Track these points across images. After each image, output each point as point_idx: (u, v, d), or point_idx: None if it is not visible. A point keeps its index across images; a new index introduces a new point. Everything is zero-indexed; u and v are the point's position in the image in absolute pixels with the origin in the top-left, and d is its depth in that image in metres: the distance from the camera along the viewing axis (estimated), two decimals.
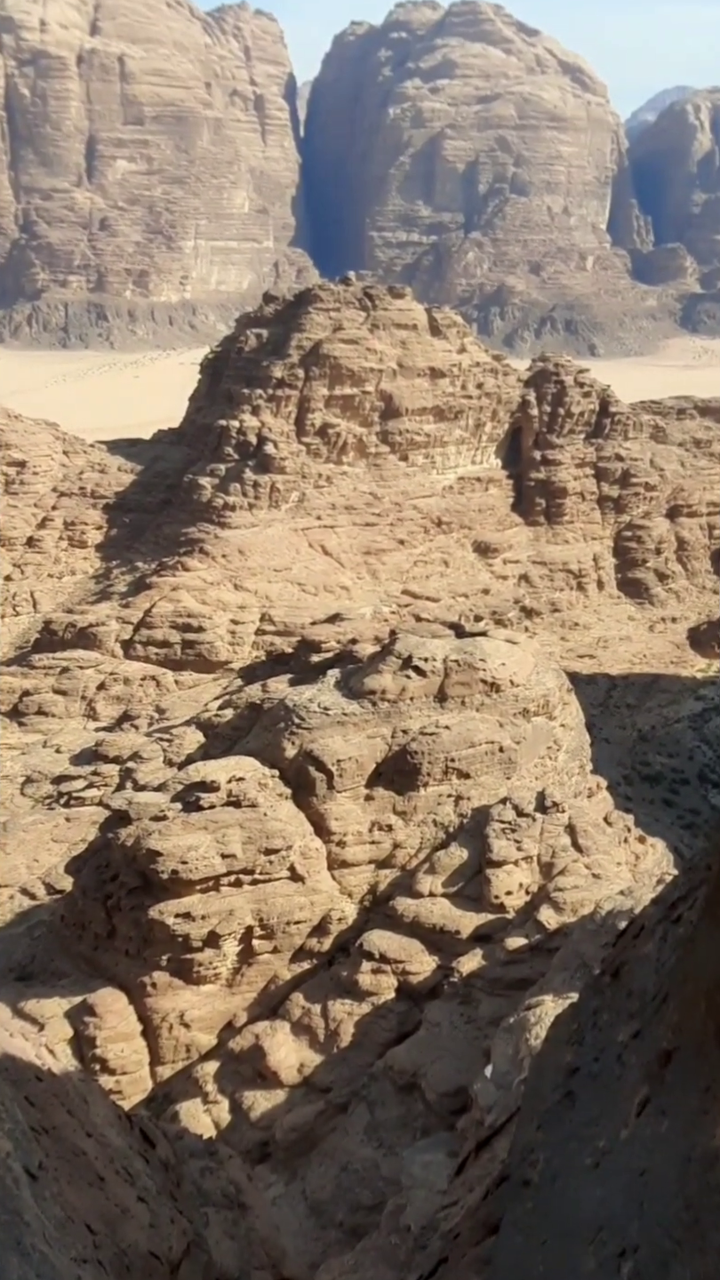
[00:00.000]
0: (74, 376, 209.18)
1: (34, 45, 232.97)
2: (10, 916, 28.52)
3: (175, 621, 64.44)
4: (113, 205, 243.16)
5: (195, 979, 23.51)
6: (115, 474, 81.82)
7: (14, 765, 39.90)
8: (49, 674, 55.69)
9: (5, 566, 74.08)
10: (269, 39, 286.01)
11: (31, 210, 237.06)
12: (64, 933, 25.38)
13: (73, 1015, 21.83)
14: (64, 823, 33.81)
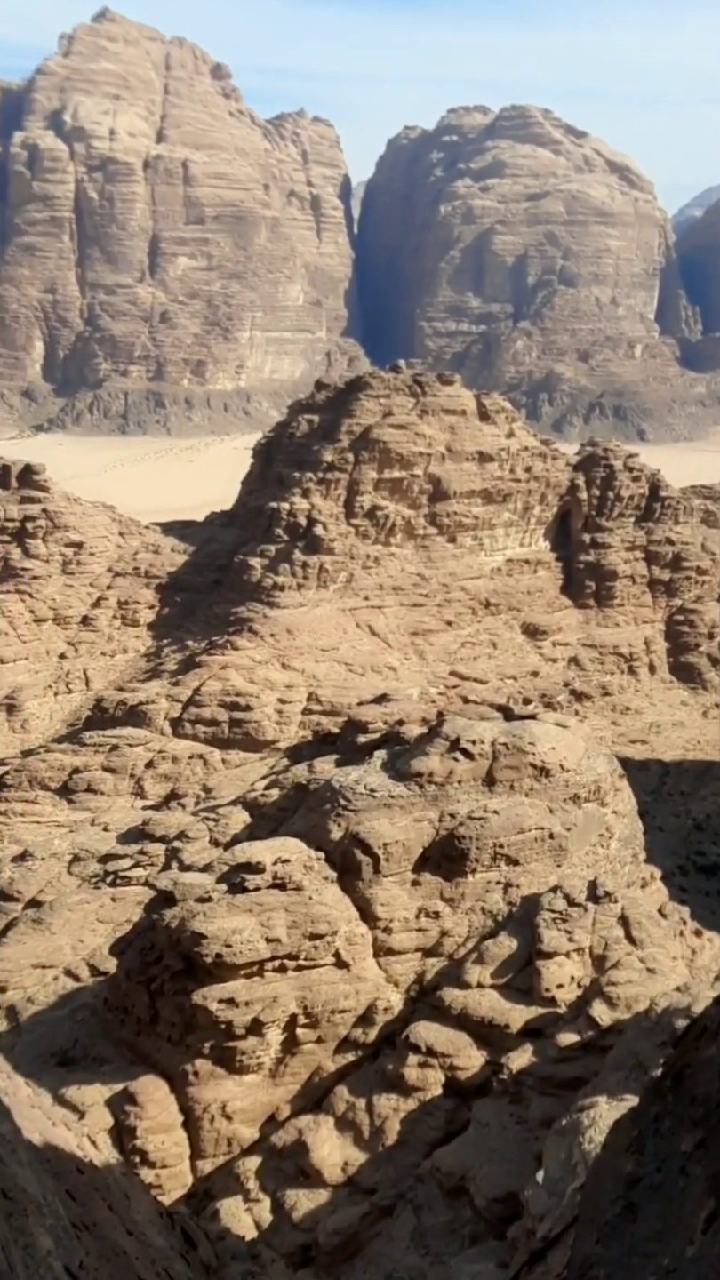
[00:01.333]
0: (131, 461, 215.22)
1: (103, 153, 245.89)
2: (54, 999, 28.23)
3: (223, 700, 64.81)
4: (173, 299, 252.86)
5: (238, 1068, 22.95)
6: (168, 554, 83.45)
7: (62, 843, 40.02)
8: (99, 751, 56.09)
9: (60, 644, 75.36)
10: (325, 143, 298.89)
11: (96, 305, 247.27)
12: (106, 1017, 25.03)
13: (114, 1104, 21.36)
14: (110, 902, 33.63)
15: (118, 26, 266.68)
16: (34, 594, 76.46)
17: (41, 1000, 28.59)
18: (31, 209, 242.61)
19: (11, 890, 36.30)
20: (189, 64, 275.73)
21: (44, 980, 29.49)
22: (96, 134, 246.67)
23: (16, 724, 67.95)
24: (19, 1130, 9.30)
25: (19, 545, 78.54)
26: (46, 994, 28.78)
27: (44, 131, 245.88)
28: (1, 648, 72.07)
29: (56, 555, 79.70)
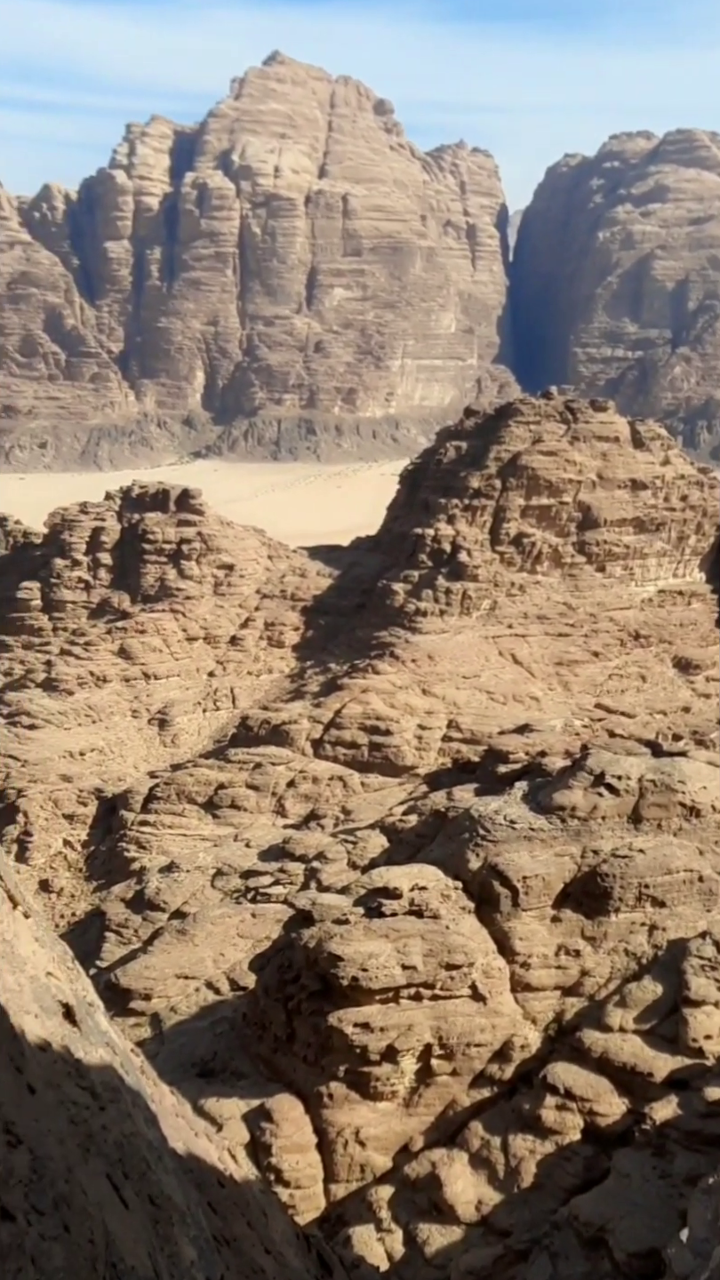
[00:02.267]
0: (282, 487, 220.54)
1: (267, 189, 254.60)
2: (195, 1010, 28.83)
3: (363, 723, 65.20)
4: (328, 329, 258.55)
5: (372, 1094, 22.84)
6: (314, 578, 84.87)
7: (206, 857, 40.99)
8: (243, 768, 57.30)
9: (210, 663, 77.59)
10: (484, 173, 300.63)
11: (255, 335, 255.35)
12: (245, 1032, 25.38)
13: (250, 1119, 21.59)
14: (250, 918, 34.19)
15: (286, 68, 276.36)
16: (187, 613, 79.04)
17: (184, 1010, 29.26)
18: (198, 245, 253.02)
19: (158, 900, 37.37)
20: (353, 101, 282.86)
21: (186, 991, 30.18)
22: (262, 172, 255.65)
23: (167, 738, 70.20)
24: (165, 1138, 9.48)
25: (175, 566, 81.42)
26: (188, 1004, 29.43)
27: (213, 171, 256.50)
28: (155, 664, 74.70)
29: (209, 576, 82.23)
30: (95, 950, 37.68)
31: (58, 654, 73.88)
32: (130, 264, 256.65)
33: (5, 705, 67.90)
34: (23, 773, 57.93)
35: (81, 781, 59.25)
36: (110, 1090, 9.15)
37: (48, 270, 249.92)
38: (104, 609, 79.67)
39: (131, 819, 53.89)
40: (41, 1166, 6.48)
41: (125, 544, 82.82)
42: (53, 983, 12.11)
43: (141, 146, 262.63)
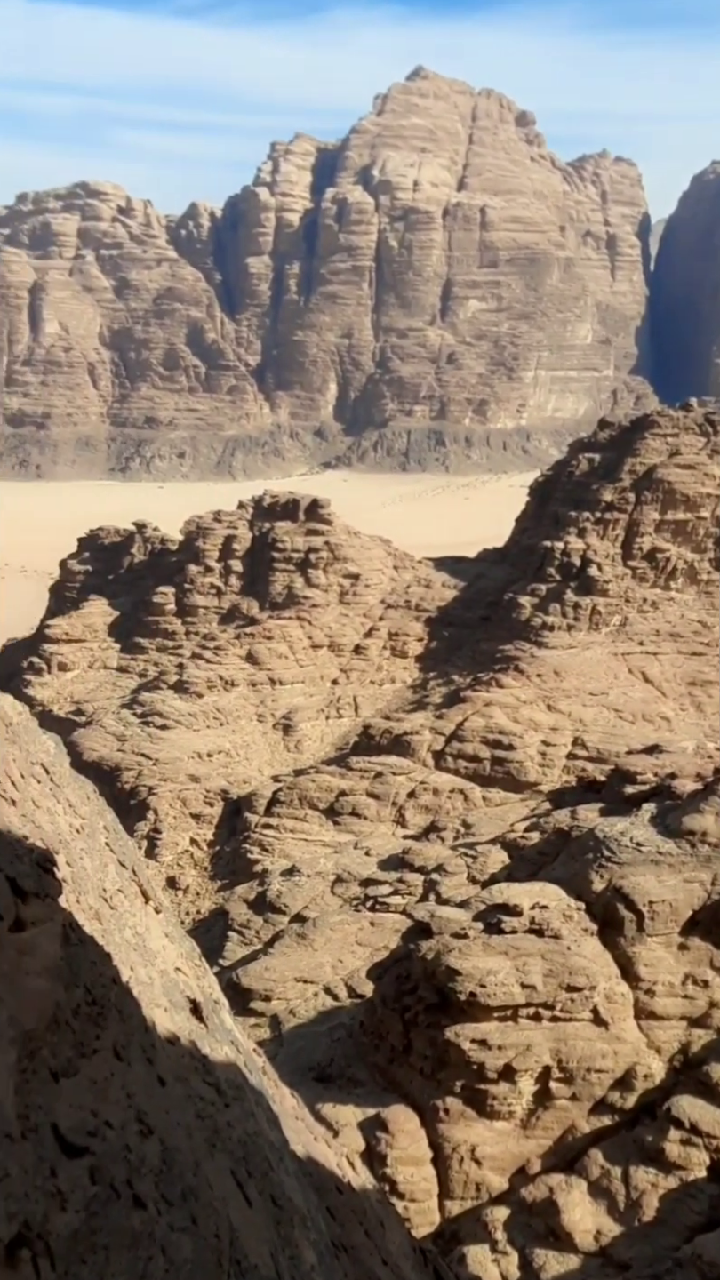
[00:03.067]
0: (409, 497, 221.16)
1: (406, 203, 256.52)
2: (313, 1014, 29.10)
3: (486, 737, 64.63)
4: (461, 340, 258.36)
5: (489, 1113, 22.54)
6: (439, 589, 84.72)
7: (326, 863, 41.35)
8: (364, 777, 57.59)
9: (334, 670, 78.38)
10: (626, 183, 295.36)
11: (388, 348, 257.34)
12: (362, 1040, 25.44)
13: (365, 1128, 21.62)
14: (369, 926, 34.29)
15: (429, 83, 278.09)
16: (312, 621, 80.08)
17: (302, 1014, 29.55)
18: (336, 259, 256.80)
19: (280, 903, 37.89)
20: (494, 114, 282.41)
21: (305, 995, 30.48)
22: (401, 186, 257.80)
23: (291, 743, 71.21)
24: (286, 1140, 9.56)
25: (302, 575, 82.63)
26: (307, 1008, 29.70)
27: (353, 186, 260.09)
28: (281, 670, 75.93)
29: (335, 585, 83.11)
30: (218, 949, 38.46)
31: (189, 657, 75.92)
32: (270, 279, 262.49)
33: (139, 705, 70.17)
34: (154, 771, 59.71)
35: (208, 782, 60.67)
36: (234, 1088, 9.29)
37: (191, 286, 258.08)
38: (234, 615, 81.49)
39: (255, 821, 54.85)
40: (171, 1158, 6.61)
41: (256, 552, 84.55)
42: (181, 978, 12.38)
43: (284, 164, 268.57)
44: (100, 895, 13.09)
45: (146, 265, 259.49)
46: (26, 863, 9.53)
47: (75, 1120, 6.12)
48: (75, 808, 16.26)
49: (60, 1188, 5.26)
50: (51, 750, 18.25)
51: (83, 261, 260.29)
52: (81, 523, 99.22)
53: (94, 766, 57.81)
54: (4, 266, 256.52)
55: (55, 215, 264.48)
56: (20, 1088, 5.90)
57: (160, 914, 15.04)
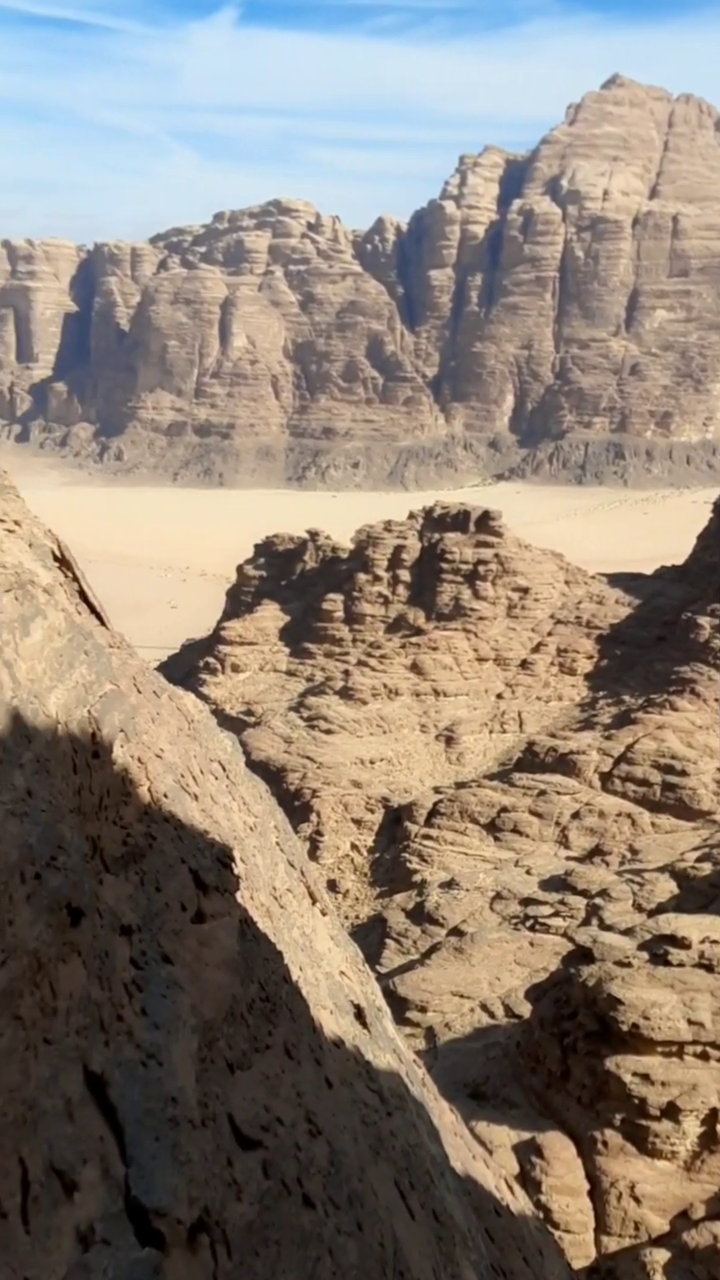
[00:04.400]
0: (584, 511, 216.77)
1: (595, 212, 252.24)
2: (469, 1030, 28.86)
3: (657, 761, 62.43)
4: (645, 351, 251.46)
5: (650, 1150, 21.70)
6: (612, 606, 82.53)
7: (486, 879, 40.96)
8: (527, 794, 56.72)
9: (499, 684, 77.62)
10: None
11: (568, 359, 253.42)
12: (518, 1061, 25.00)
13: (520, 1151, 21.23)
14: (528, 946, 33.71)
15: (625, 91, 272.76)
16: (479, 634, 79.57)
17: (457, 1028, 29.35)
18: (519, 270, 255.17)
19: (438, 915, 37.78)
20: (693, 119, 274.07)
21: (461, 1009, 30.26)
22: (590, 195, 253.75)
23: (453, 755, 70.97)
24: (446, 1156, 9.49)
25: (470, 586, 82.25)
26: (463, 1023, 29.49)
27: (540, 197, 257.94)
28: (446, 681, 75.80)
29: (503, 598, 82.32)
30: (375, 956, 38.69)
31: (355, 664, 76.89)
32: (451, 291, 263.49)
33: (306, 709, 71.60)
34: (318, 774, 60.75)
35: (370, 789, 61.22)
36: (396, 1097, 9.29)
37: (374, 299, 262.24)
38: (400, 624, 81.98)
39: (415, 831, 54.91)
40: (338, 1161, 6.67)
41: (424, 562, 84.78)
42: (345, 982, 12.49)
43: (472, 176, 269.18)
44: (271, 893, 13.37)
45: (332, 279, 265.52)
46: (208, 856, 9.86)
47: (249, 1113, 6.26)
48: (249, 805, 16.68)
49: (236, 1178, 5.39)
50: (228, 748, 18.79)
51: (271, 277, 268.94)
52: (258, 530, 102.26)
53: (261, 767, 59.40)
54: (199, 283, 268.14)
55: (248, 233, 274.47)
56: (200, 1076, 6.09)
57: (326, 916, 15.22)
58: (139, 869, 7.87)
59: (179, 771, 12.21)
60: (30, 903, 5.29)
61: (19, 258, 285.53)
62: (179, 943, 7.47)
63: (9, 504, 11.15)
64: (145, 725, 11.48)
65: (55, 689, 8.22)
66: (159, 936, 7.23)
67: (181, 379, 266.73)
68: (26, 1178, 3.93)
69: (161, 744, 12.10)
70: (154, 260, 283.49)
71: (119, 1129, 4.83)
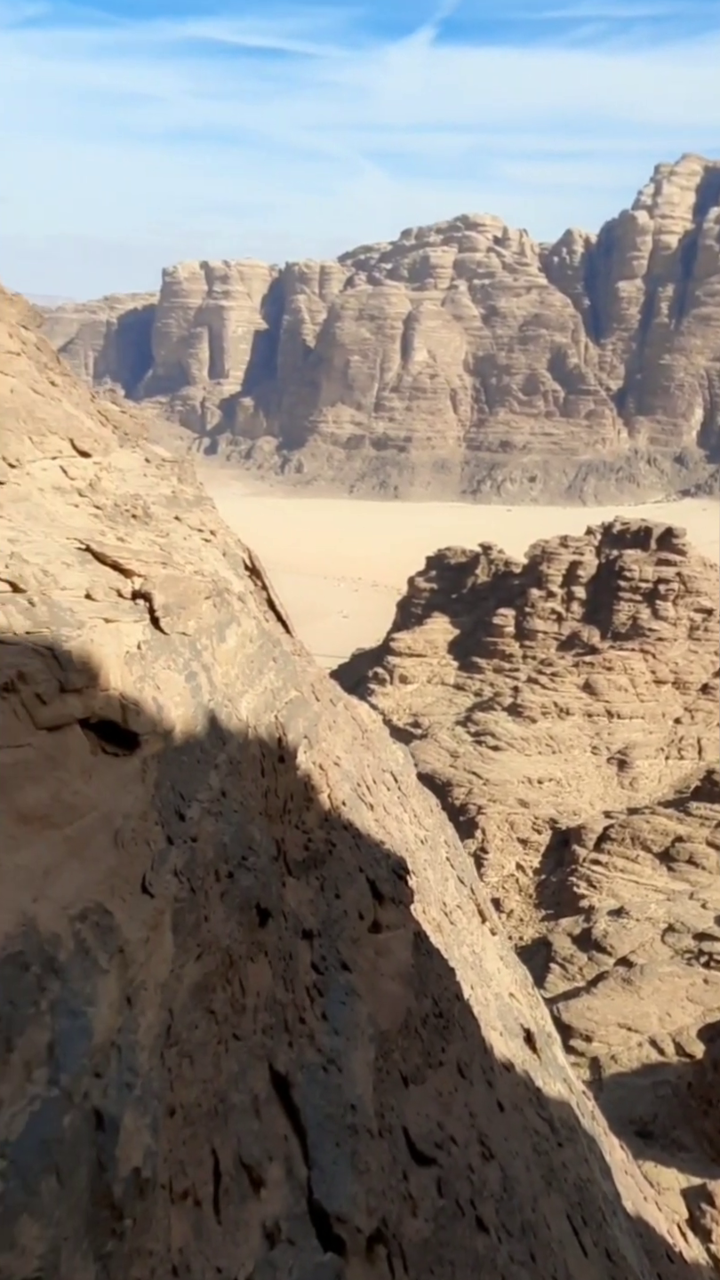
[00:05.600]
0: None
1: None
2: (636, 1065, 27.84)
3: None
4: None
5: None
6: None
7: (658, 910, 39.44)
8: (705, 824, 54.33)
9: (677, 708, 74.75)
10: None
11: None
12: (690, 1102, 23.90)
13: (689, 1196, 20.28)
14: (701, 983, 32.23)
15: None
16: (657, 655, 76.90)
17: (624, 1062, 28.36)
18: (714, 280, 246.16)
19: (605, 943, 36.69)
20: None
21: (629, 1042, 29.24)
22: None
23: (625, 780, 68.85)
24: (619, 1194, 9.16)
25: (649, 606, 79.64)
26: (629, 1057, 28.48)
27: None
28: (620, 703, 73.65)
29: (684, 619, 79.26)
30: (539, 980, 37.85)
31: (525, 681, 75.80)
32: (640, 302, 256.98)
33: (473, 724, 71.14)
34: (484, 791, 60.22)
35: (537, 809, 60.16)
36: (568, 1128, 9.05)
37: (559, 312, 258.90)
38: (573, 642, 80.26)
39: (584, 855, 53.56)
40: (512, 1187, 6.55)
41: (601, 579, 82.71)
42: (515, 1005, 12.28)
43: (668, 185, 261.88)
44: (441, 909, 13.31)
45: (516, 293, 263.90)
46: (384, 867, 9.91)
47: (424, 1129, 6.23)
48: (420, 818, 16.68)
49: (412, 1193, 5.38)
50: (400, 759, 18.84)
51: (455, 291, 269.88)
52: (431, 542, 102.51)
53: (426, 779, 59.36)
54: (384, 299, 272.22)
55: (434, 249, 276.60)
56: (377, 1086, 6.12)
57: (495, 936, 15.01)
58: (319, 874, 8.01)
59: (355, 780, 12.35)
60: (224, 900, 5.46)
61: (215, 278, 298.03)
62: (357, 951, 7.55)
63: (206, 515, 11.61)
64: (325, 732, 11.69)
65: (246, 693, 8.48)
66: (338, 943, 7.32)
67: (362, 393, 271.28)
68: (218, 1169, 4.04)
69: (339, 752, 12.28)
70: (341, 278, 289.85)
71: (301, 1131, 4.90)
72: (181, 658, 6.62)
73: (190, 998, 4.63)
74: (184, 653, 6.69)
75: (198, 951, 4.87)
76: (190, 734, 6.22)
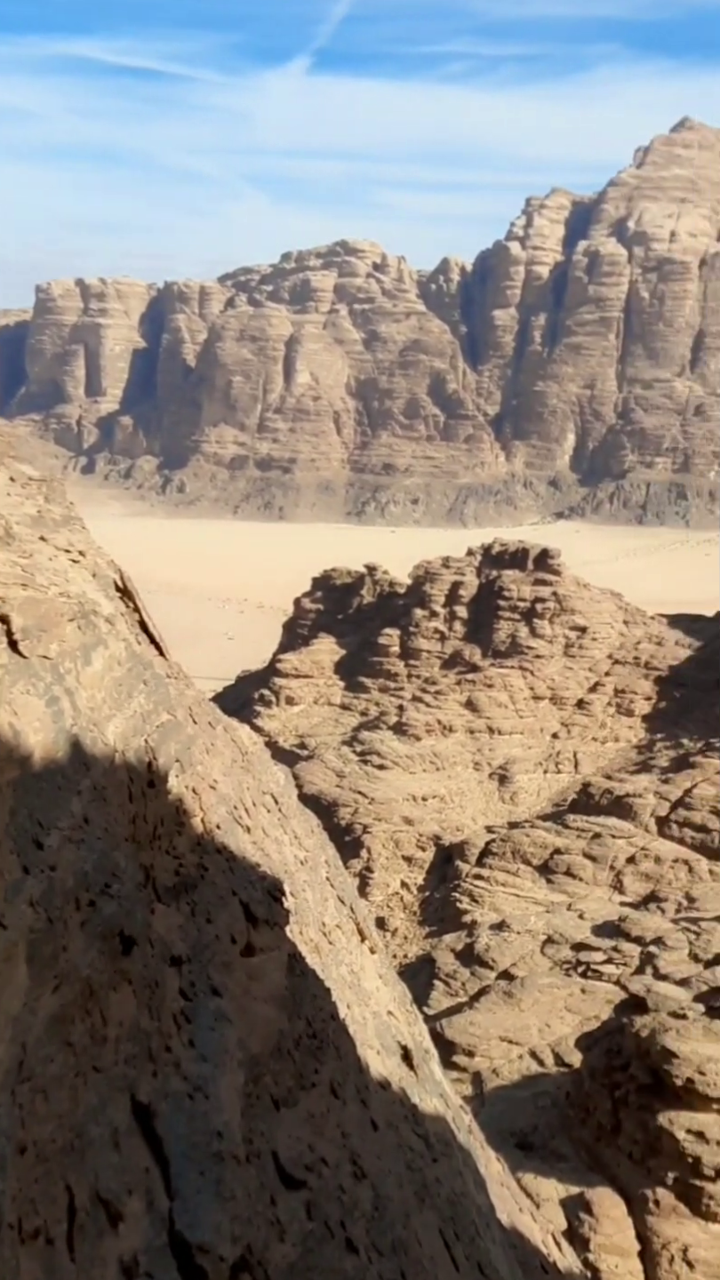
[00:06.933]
0: (645, 551, 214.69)
1: (661, 254, 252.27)
2: (517, 1077, 28.28)
3: (716, 807, 61.01)
4: (710, 392, 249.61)
5: (704, 1212, 20.95)
6: (672, 647, 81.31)
7: (538, 922, 40.28)
8: (581, 836, 55.83)
9: (554, 724, 76.76)
10: None
11: (631, 399, 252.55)
12: (568, 1112, 24.41)
13: (568, 1205, 20.65)
14: (579, 993, 33.02)
15: (694, 134, 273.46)
16: (535, 672, 78.89)
17: (505, 1075, 28.77)
18: (584, 311, 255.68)
19: (487, 957, 37.22)
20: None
21: (509, 1055, 29.69)
22: (657, 237, 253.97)
23: (506, 795, 70.21)
24: (493, 1206, 9.28)
25: (527, 624, 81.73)
26: (510, 1070, 28.91)
27: (606, 238, 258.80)
28: (500, 719, 75.19)
29: (560, 637, 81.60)
30: (422, 997, 38.15)
31: (410, 700, 76.67)
32: (515, 330, 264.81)
33: (359, 743, 71.48)
34: (369, 810, 60.50)
35: (422, 826, 60.75)
36: (443, 1143, 9.13)
37: (437, 338, 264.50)
38: (456, 660, 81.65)
39: (466, 870, 54.30)
40: (383, 1206, 6.57)
41: (482, 599, 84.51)
42: (393, 1022, 12.33)
43: (538, 218, 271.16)
44: (320, 929, 13.27)
45: (395, 318, 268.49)
46: (259, 889, 9.84)
47: (294, 1151, 6.20)
48: (301, 839, 16.60)
49: (279, 1218, 5.34)
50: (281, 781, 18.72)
51: (336, 315, 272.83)
52: (316, 563, 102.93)
53: (312, 800, 59.34)
54: (265, 320, 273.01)
55: (314, 272, 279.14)
56: (245, 1111, 6.06)
57: (375, 954, 15.04)
58: (190, 899, 7.91)
59: (232, 803, 12.23)
60: (84, 929, 5.34)
61: (91, 295, 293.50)
62: (228, 975, 7.47)
63: (74, 535, 11.37)
64: (200, 756, 11.55)
65: (114, 718, 8.32)
66: (209, 968, 7.23)
67: (245, 414, 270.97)
68: (73, 1205, 3.94)
69: (216, 775, 12.14)
70: (222, 299, 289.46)
71: (164, 1161, 4.82)
72: (42, 682, 6.47)
73: (46, 1031, 4.51)
74: (45, 677, 6.54)
75: (55, 983, 4.75)
76: (50, 760, 6.08)
